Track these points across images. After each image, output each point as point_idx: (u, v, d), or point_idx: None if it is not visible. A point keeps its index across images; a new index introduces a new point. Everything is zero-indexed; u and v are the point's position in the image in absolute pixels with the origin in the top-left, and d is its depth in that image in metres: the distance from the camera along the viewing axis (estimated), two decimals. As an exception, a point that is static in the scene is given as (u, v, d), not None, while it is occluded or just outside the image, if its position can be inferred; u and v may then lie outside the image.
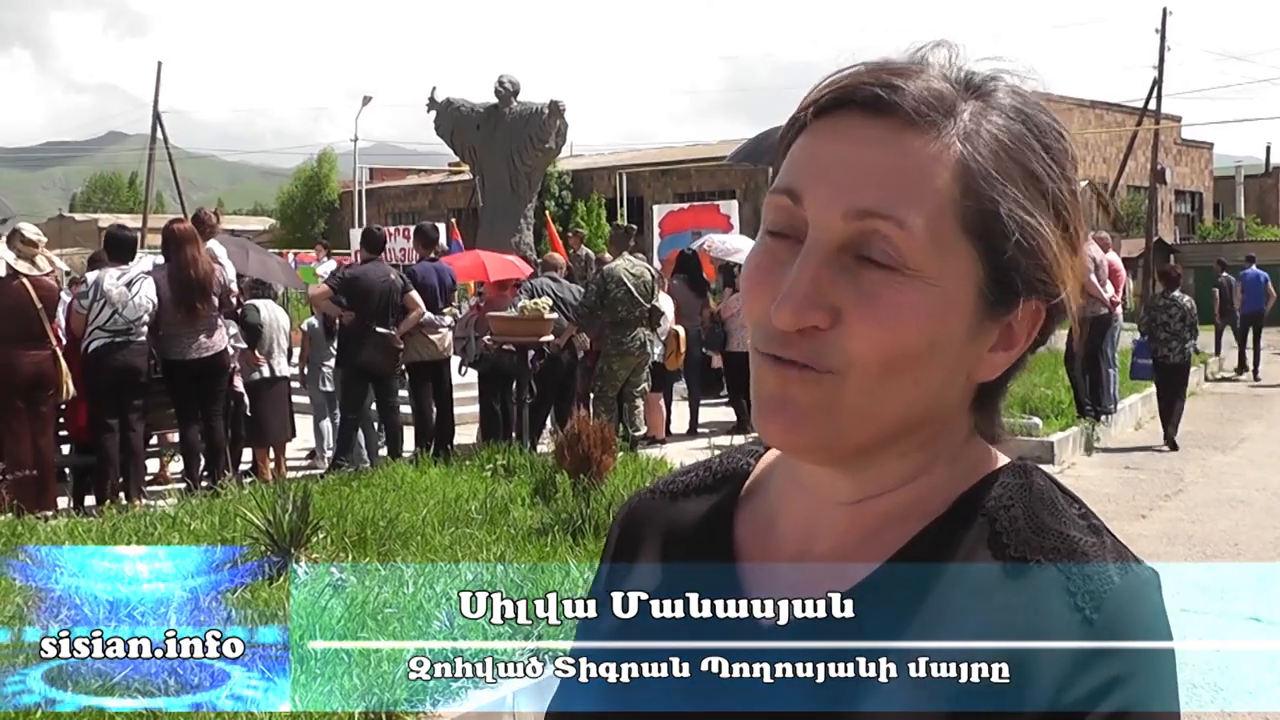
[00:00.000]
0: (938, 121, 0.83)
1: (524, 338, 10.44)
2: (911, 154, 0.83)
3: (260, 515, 6.11)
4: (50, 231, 36.99)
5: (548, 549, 6.38)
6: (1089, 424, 12.14)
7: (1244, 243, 42.59)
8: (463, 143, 18.49)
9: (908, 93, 0.83)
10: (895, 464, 0.90)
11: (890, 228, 0.82)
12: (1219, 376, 19.51)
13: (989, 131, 0.84)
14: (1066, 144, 0.88)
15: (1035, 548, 0.86)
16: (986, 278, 0.85)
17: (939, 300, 0.83)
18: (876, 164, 0.83)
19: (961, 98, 0.85)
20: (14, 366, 8.08)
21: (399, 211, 49.50)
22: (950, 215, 0.83)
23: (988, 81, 0.87)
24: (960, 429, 0.92)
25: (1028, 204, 0.84)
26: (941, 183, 0.83)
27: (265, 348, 9.98)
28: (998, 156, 0.84)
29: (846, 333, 0.83)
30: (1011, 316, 0.87)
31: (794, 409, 0.85)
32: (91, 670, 1.33)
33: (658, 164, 44.15)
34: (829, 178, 0.84)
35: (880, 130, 0.84)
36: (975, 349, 0.87)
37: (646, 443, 10.99)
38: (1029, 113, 0.87)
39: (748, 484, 1.02)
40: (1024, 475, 0.92)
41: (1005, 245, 0.84)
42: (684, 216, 19.14)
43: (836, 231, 0.84)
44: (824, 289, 0.83)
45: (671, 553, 1.01)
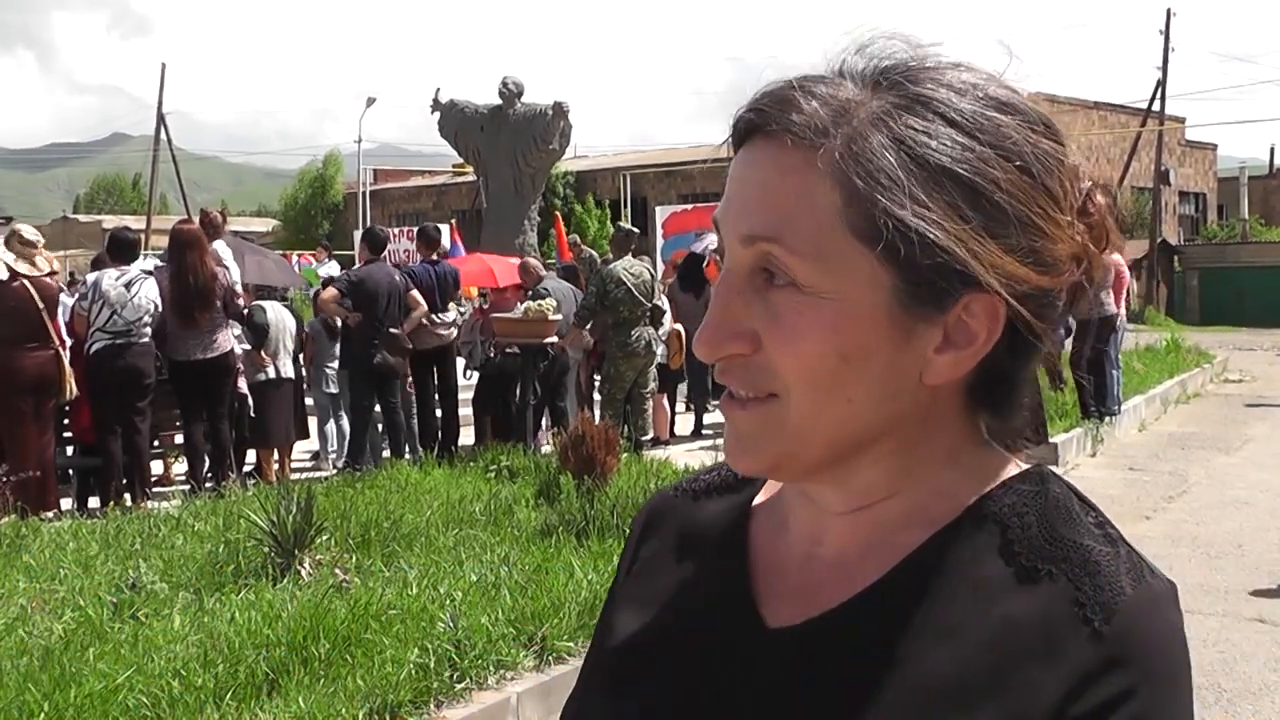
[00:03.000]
0: (815, 136, 0.82)
1: (528, 339, 10.46)
2: (789, 172, 0.83)
3: (264, 516, 6.12)
4: (54, 233, 37.02)
5: (552, 550, 6.38)
6: (1093, 425, 12.14)
7: (1248, 244, 42.58)
8: (466, 144, 18.49)
9: (777, 114, 0.83)
10: (872, 473, 0.89)
11: (776, 249, 0.82)
12: (1224, 379, 19.48)
13: (879, 134, 0.82)
14: (1008, 119, 0.83)
15: (1047, 556, 0.85)
16: (898, 280, 0.82)
17: (841, 313, 0.82)
18: (763, 186, 0.84)
19: (857, 102, 0.83)
20: (19, 368, 8.09)
21: (403, 213, 49.53)
22: (835, 227, 0.81)
23: (904, 76, 0.84)
24: (943, 434, 0.89)
25: (924, 197, 0.81)
26: (821, 196, 0.81)
27: (271, 349, 9.99)
28: (884, 158, 0.81)
29: (767, 357, 0.84)
30: (954, 314, 0.84)
31: (742, 440, 0.88)
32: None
33: (661, 165, 44.15)
34: (730, 206, 0.86)
35: (768, 152, 0.84)
36: (912, 353, 0.84)
37: (651, 444, 10.99)
38: (949, 97, 0.83)
39: (767, 486, 1.02)
40: (1040, 482, 0.90)
41: (896, 245, 0.81)
42: (687, 218, 19.14)
43: (740, 258, 0.85)
44: (738, 316, 0.85)
45: (688, 551, 1.02)
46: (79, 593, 5.55)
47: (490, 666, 4.81)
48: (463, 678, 4.68)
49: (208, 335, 8.79)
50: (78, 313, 8.58)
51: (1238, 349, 24.55)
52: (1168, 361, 18.34)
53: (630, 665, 0.97)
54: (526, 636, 5.07)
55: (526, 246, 17.39)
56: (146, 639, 4.79)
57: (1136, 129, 39.38)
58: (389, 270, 10.16)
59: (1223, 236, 45.80)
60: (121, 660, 4.51)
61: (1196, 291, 41.49)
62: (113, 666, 4.41)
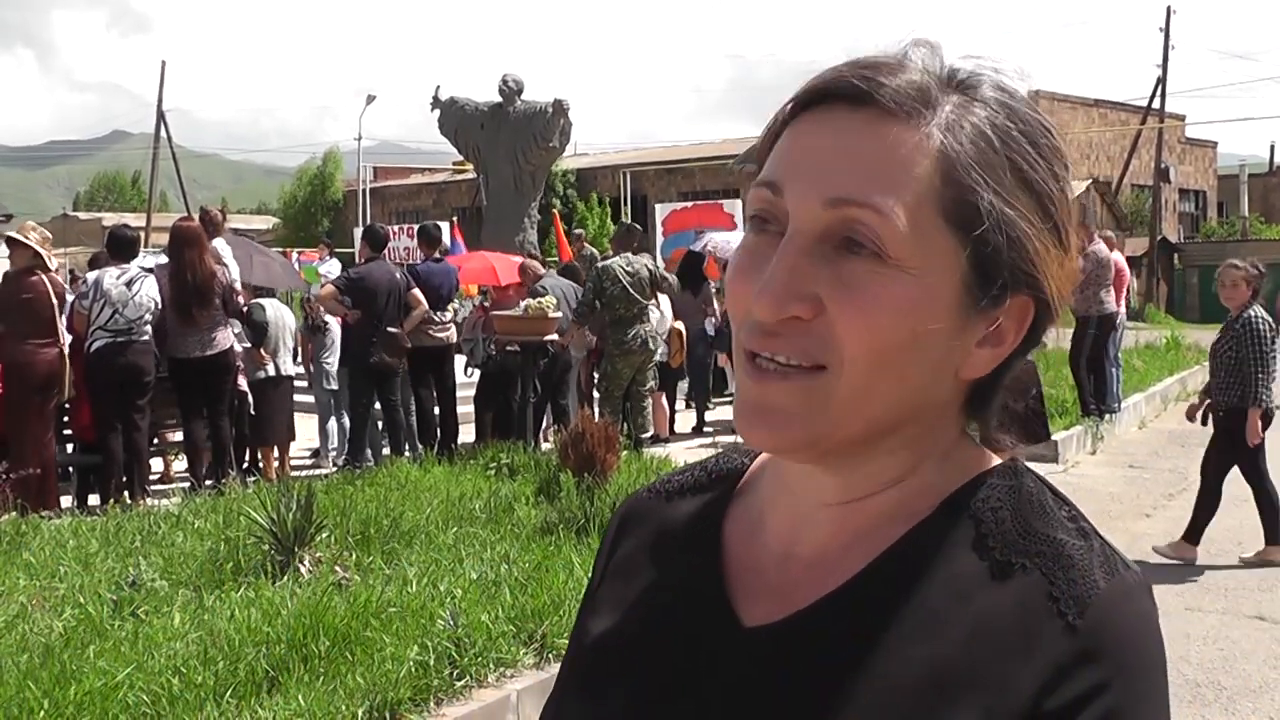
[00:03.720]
0: (918, 111, 0.82)
1: (528, 336, 10.46)
2: (891, 142, 0.82)
3: (264, 514, 6.12)
4: (54, 230, 36.92)
5: (552, 548, 6.38)
6: (1093, 423, 12.15)
7: (1248, 242, 42.57)
8: (466, 142, 18.50)
9: (887, 84, 0.83)
10: (883, 462, 0.89)
11: (869, 215, 0.81)
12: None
13: (971, 124, 0.83)
14: (1055, 141, 0.87)
15: (1021, 550, 0.85)
16: (969, 270, 0.83)
17: (921, 291, 0.82)
18: (855, 152, 0.82)
19: (943, 92, 0.85)
20: (30, 364, 8.14)
21: (403, 210, 49.52)
22: (931, 204, 0.81)
23: (972, 77, 0.86)
24: (950, 428, 0.91)
25: (1009, 197, 0.83)
26: (921, 171, 0.81)
27: (271, 346, 9.99)
28: (979, 148, 0.83)
29: (829, 324, 0.82)
30: (999, 311, 0.86)
31: (777, 415, 0.84)
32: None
33: (662, 163, 44.14)
34: (808, 168, 0.84)
35: (860, 120, 0.83)
36: (962, 344, 0.85)
37: (650, 442, 10.99)
38: (1014, 108, 0.86)
39: (741, 483, 1.02)
40: (1014, 477, 0.90)
41: (987, 236, 0.82)
42: (687, 215, 19.14)
43: (816, 221, 0.83)
44: (804, 278, 0.82)
45: (662, 551, 1.01)
46: (79, 590, 5.55)
47: (490, 664, 4.81)
48: (463, 675, 4.68)
49: (207, 333, 8.80)
50: (78, 311, 8.59)
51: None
52: (1168, 359, 18.36)
53: (606, 666, 0.96)
54: (527, 634, 5.07)
55: (527, 244, 17.39)
56: (146, 636, 4.79)
57: (1136, 126, 39.36)
58: (389, 269, 10.16)
59: (1223, 234, 45.80)
60: (121, 658, 4.51)
61: (1196, 289, 41.49)
62: (113, 664, 4.41)
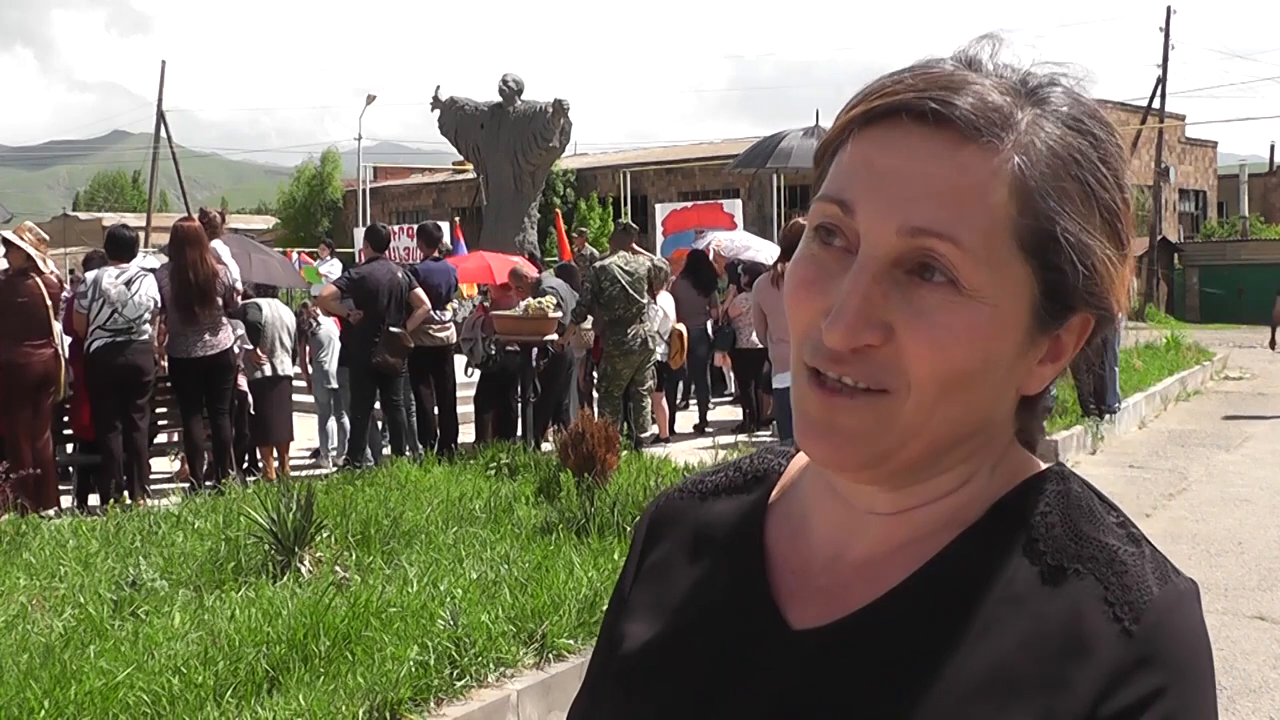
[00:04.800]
0: (994, 135, 0.81)
1: (528, 336, 10.46)
2: (968, 169, 0.80)
3: (264, 514, 6.11)
4: (54, 230, 37.01)
5: (552, 548, 6.38)
6: (1093, 423, 12.15)
7: (1247, 241, 42.57)
8: (466, 141, 18.52)
9: (962, 106, 0.81)
10: (940, 479, 0.89)
11: (946, 246, 0.80)
12: (1223, 376, 19.47)
13: (1045, 143, 0.82)
14: (1120, 150, 0.86)
15: (1073, 555, 0.85)
16: (1040, 295, 0.83)
17: (994, 320, 0.81)
18: (932, 179, 0.81)
19: (1018, 105, 0.83)
20: (25, 365, 8.14)
21: (403, 210, 49.54)
22: (1006, 233, 0.81)
23: (1044, 86, 0.85)
24: (1004, 439, 0.91)
25: (1082, 221, 0.83)
26: (998, 199, 0.80)
27: (267, 345, 9.99)
28: (1054, 171, 0.82)
29: (900, 351, 0.81)
30: (1062, 330, 0.86)
31: (842, 434, 0.84)
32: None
33: (662, 163, 44.14)
34: (883, 191, 0.82)
35: (936, 144, 0.81)
36: (1025, 363, 0.86)
37: (651, 441, 10.99)
38: (1085, 121, 0.85)
39: (779, 485, 1.02)
40: (1062, 481, 0.90)
41: (1061, 264, 0.82)
42: (687, 215, 19.15)
43: (890, 247, 0.81)
44: (876, 306, 0.81)
45: (701, 553, 1.00)
46: (79, 590, 5.55)
47: (490, 664, 4.81)
48: (463, 675, 4.68)
49: (209, 333, 8.80)
50: (77, 311, 8.59)
51: (1237, 346, 24.53)
52: (1168, 359, 18.35)
53: (645, 667, 0.96)
54: (527, 634, 5.07)
55: (526, 244, 17.40)
56: (147, 636, 4.79)
57: (1137, 126, 39.37)
58: (391, 268, 10.15)
59: (1222, 234, 45.79)
60: (122, 657, 4.51)
61: (1196, 289, 41.51)
62: (113, 664, 4.41)
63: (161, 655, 4.55)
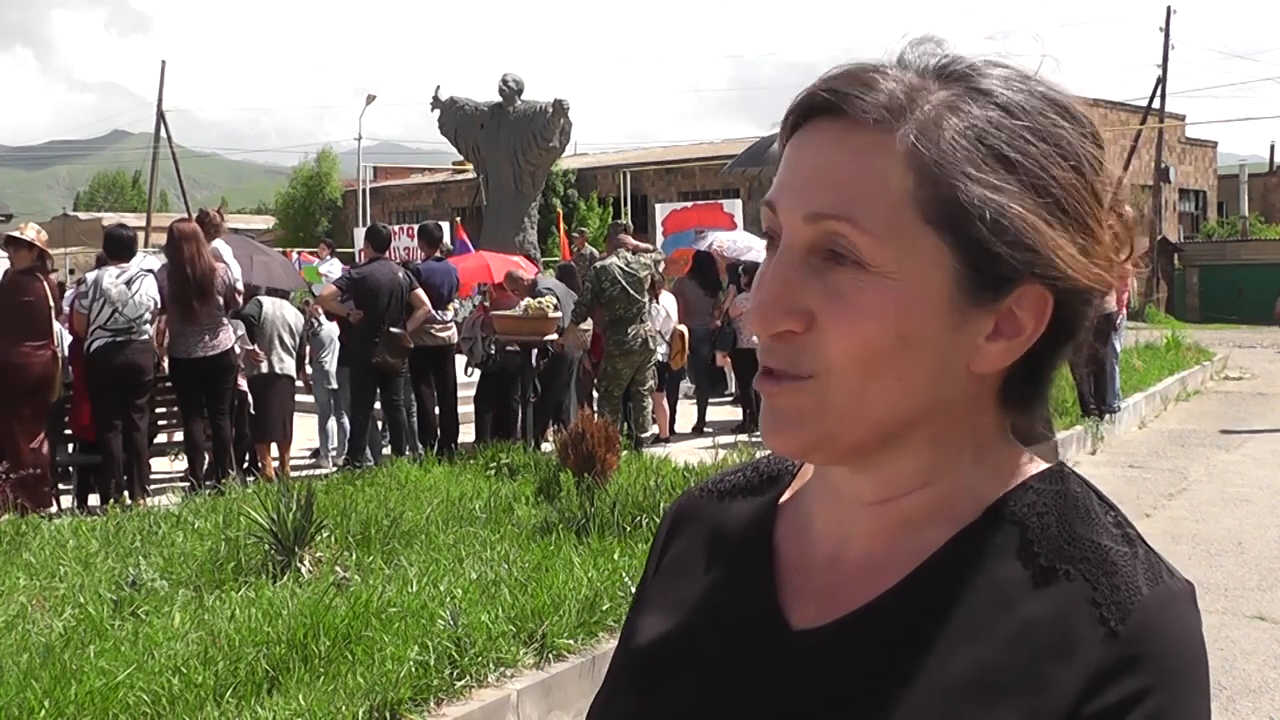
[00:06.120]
0: (885, 118, 0.83)
1: (528, 336, 10.46)
2: (861, 152, 0.84)
3: (264, 514, 6.12)
4: (54, 230, 37.07)
5: (552, 548, 6.38)
6: (1093, 423, 12.15)
7: (1247, 241, 42.58)
8: (466, 141, 18.51)
9: (854, 94, 0.84)
10: (907, 462, 0.90)
11: (845, 227, 0.83)
12: (1223, 376, 19.48)
13: (951, 119, 0.84)
14: (1065, 123, 0.86)
15: (1065, 557, 0.85)
16: (961, 265, 0.84)
17: (903, 293, 0.83)
18: (829, 167, 0.85)
19: (925, 90, 0.85)
20: (25, 366, 8.14)
21: (403, 210, 49.54)
22: (908, 207, 0.83)
23: (971, 69, 0.87)
24: (979, 425, 0.91)
25: (997, 183, 0.83)
26: (894, 177, 0.83)
27: (265, 342, 9.98)
28: (957, 143, 0.83)
29: (821, 336, 0.84)
30: (1007, 303, 0.85)
31: (782, 420, 0.87)
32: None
33: (662, 163, 44.16)
34: (792, 185, 0.87)
35: (834, 134, 0.85)
36: (964, 339, 0.86)
37: (651, 441, 10.99)
38: (1009, 95, 0.86)
39: (792, 486, 1.03)
40: (1060, 481, 0.91)
41: (972, 232, 0.83)
42: (687, 215, 19.14)
43: (802, 235, 0.85)
44: (794, 293, 0.85)
45: (717, 552, 1.02)
46: (79, 590, 5.55)
47: (490, 664, 4.81)
48: (463, 675, 4.68)
49: (209, 332, 8.79)
50: (77, 310, 8.60)
51: (1237, 346, 24.55)
52: (1168, 359, 18.36)
53: (657, 665, 0.97)
54: (527, 634, 5.07)
55: (527, 244, 17.40)
56: (147, 636, 4.80)
57: (1136, 126, 39.36)
58: (392, 268, 10.14)
59: (1223, 234, 45.81)
60: (122, 657, 4.51)
61: (1196, 289, 41.52)
62: (113, 664, 4.42)
63: (161, 655, 4.55)
